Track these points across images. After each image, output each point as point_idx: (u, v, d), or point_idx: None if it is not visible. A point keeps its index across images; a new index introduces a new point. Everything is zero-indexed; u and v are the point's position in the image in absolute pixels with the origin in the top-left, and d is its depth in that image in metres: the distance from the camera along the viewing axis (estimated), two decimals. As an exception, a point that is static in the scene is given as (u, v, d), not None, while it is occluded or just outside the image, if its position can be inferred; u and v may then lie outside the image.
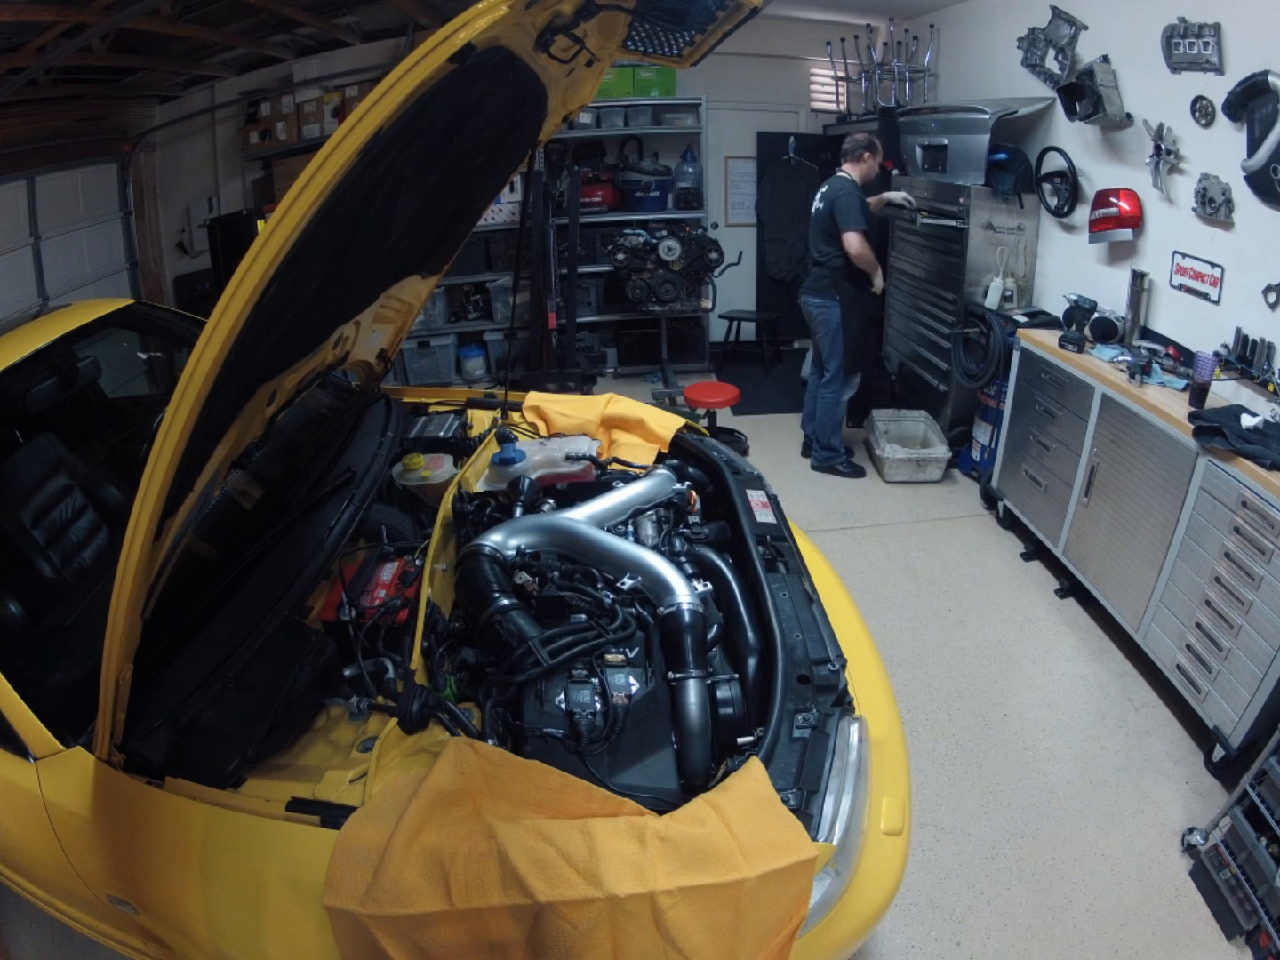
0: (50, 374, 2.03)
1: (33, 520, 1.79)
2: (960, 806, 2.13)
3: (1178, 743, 2.33)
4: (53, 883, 1.39)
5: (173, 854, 1.16)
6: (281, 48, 4.71)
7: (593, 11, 1.10)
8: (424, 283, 2.12)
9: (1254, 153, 2.33)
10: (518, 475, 1.94)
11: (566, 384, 4.82)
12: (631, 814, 1.11)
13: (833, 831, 1.17)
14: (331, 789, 1.18)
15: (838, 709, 1.34)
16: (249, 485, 1.90)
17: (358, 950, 1.03)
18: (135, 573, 1.00)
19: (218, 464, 1.32)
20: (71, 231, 4.37)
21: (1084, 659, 2.68)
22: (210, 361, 0.92)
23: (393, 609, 1.48)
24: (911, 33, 4.76)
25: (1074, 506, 2.85)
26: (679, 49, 1.39)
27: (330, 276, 1.31)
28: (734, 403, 4.10)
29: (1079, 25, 3.13)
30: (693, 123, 5.26)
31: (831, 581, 1.91)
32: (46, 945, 1.79)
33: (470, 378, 5.46)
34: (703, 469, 2.11)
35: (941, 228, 3.80)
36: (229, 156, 5.12)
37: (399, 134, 0.99)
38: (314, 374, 1.80)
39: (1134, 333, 2.91)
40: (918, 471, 3.92)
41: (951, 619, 2.91)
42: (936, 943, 1.79)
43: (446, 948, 1.01)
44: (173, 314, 2.62)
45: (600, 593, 1.53)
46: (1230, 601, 2.10)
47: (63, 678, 1.41)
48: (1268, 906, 1.68)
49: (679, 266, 5.01)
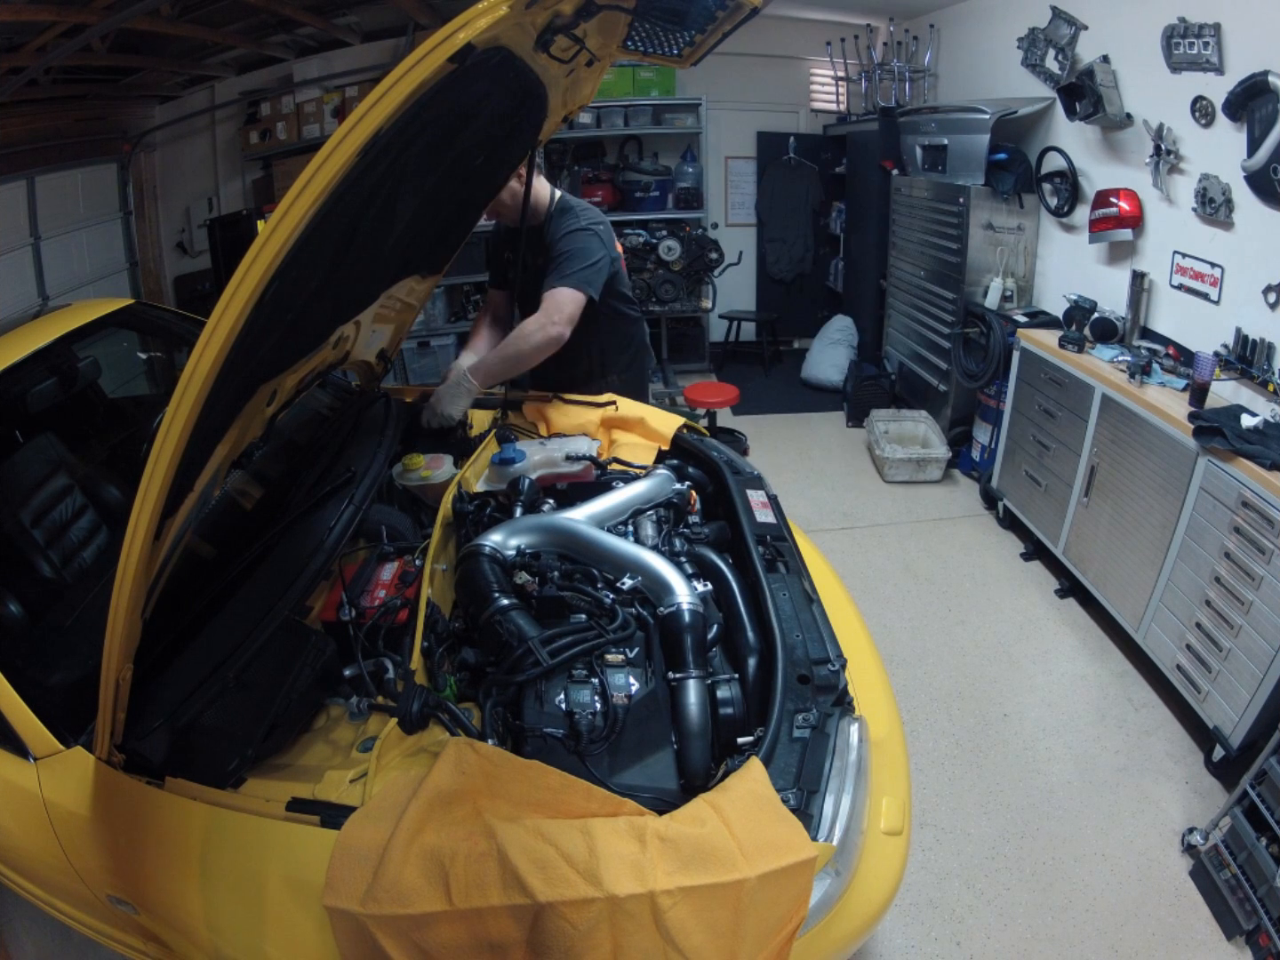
0: (50, 374, 2.03)
1: (33, 520, 1.79)
2: (960, 806, 2.13)
3: (1178, 743, 2.33)
4: (53, 883, 1.39)
5: (173, 854, 1.15)
6: (281, 48, 4.71)
7: (593, 11, 1.10)
8: (424, 283, 2.12)
9: (1254, 153, 2.33)
10: (518, 475, 1.94)
11: (566, 384, 4.81)
12: (631, 814, 1.11)
13: (833, 831, 1.17)
14: (331, 789, 1.17)
15: (838, 709, 1.33)
16: (249, 485, 1.90)
17: (358, 950, 1.03)
18: (135, 573, 1.00)
19: (218, 464, 1.32)
20: (71, 231, 4.37)
21: (1084, 659, 2.68)
22: (210, 361, 0.91)
23: (393, 609, 1.48)
24: (911, 33, 4.76)
25: (1074, 506, 2.85)
26: (679, 49, 1.39)
27: (330, 276, 1.30)
28: (734, 403, 4.10)
29: (1079, 25, 3.13)
30: (693, 123, 5.26)
31: (831, 581, 1.91)
32: (46, 945, 1.79)
33: (470, 378, 5.46)
34: (703, 469, 2.11)
35: (937, 226, 3.80)
36: (229, 156, 5.11)
37: (399, 134, 0.99)
38: (314, 374, 1.79)
39: (1134, 333, 2.91)
40: (918, 471, 3.92)
41: (951, 619, 2.91)
42: (936, 943, 1.79)
43: (446, 948, 1.01)
44: (173, 314, 2.62)
45: (600, 593, 1.53)
46: (1230, 601, 2.10)
47: (63, 678, 1.41)
48: (1268, 906, 1.68)
49: (679, 266, 5.02)
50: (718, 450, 2.15)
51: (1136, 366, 2.56)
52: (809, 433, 4.65)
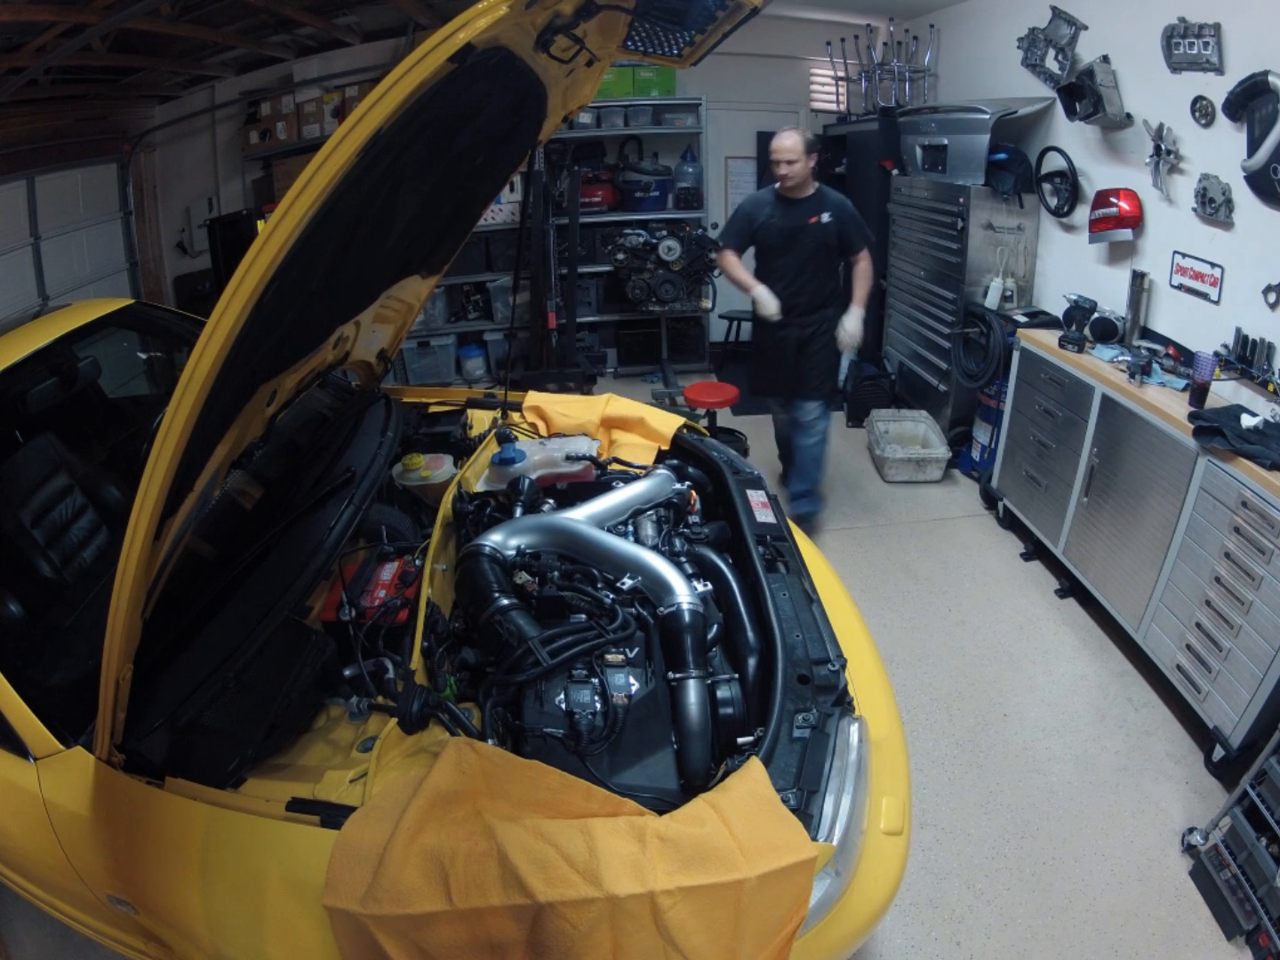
0: (50, 374, 2.03)
1: (33, 520, 1.79)
2: (960, 806, 2.13)
3: (1178, 743, 2.33)
4: (53, 883, 1.39)
5: (173, 854, 1.16)
6: (281, 48, 4.71)
7: (593, 11, 1.10)
8: (424, 283, 2.12)
9: (1254, 153, 2.32)
10: (518, 475, 1.94)
11: (566, 384, 4.82)
12: (631, 814, 1.11)
13: (833, 831, 1.17)
14: (331, 789, 1.18)
15: (838, 709, 1.34)
16: (249, 485, 1.90)
17: (358, 950, 1.03)
18: (135, 573, 1.00)
19: (218, 464, 1.32)
20: (71, 231, 4.37)
21: (1084, 659, 2.68)
22: (210, 361, 0.92)
23: (393, 609, 1.48)
24: (911, 33, 4.76)
25: (1074, 506, 2.85)
26: (679, 49, 1.40)
27: (330, 276, 1.31)
28: (733, 403, 4.10)
29: (1079, 25, 3.13)
30: (693, 123, 5.26)
31: (831, 581, 1.91)
32: (46, 945, 1.79)
33: (470, 378, 5.46)
34: (703, 469, 2.11)
35: (937, 226, 3.80)
36: (229, 156, 5.12)
37: (399, 134, 0.99)
38: (314, 374, 1.80)
39: (1134, 333, 2.90)
40: (918, 471, 3.92)
41: (951, 619, 2.91)
42: (936, 943, 1.79)
43: (446, 947, 1.01)
44: (173, 314, 2.62)
45: (600, 593, 1.53)
46: (1230, 601, 2.10)
47: (63, 678, 1.41)
48: (1268, 906, 1.68)
49: (679, 266, 5.01)
50: (718, 450, 2.15)
51: (1136, 366, 2.56)
52: (809, 433, 4.64)
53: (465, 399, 2.48)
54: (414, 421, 2.26)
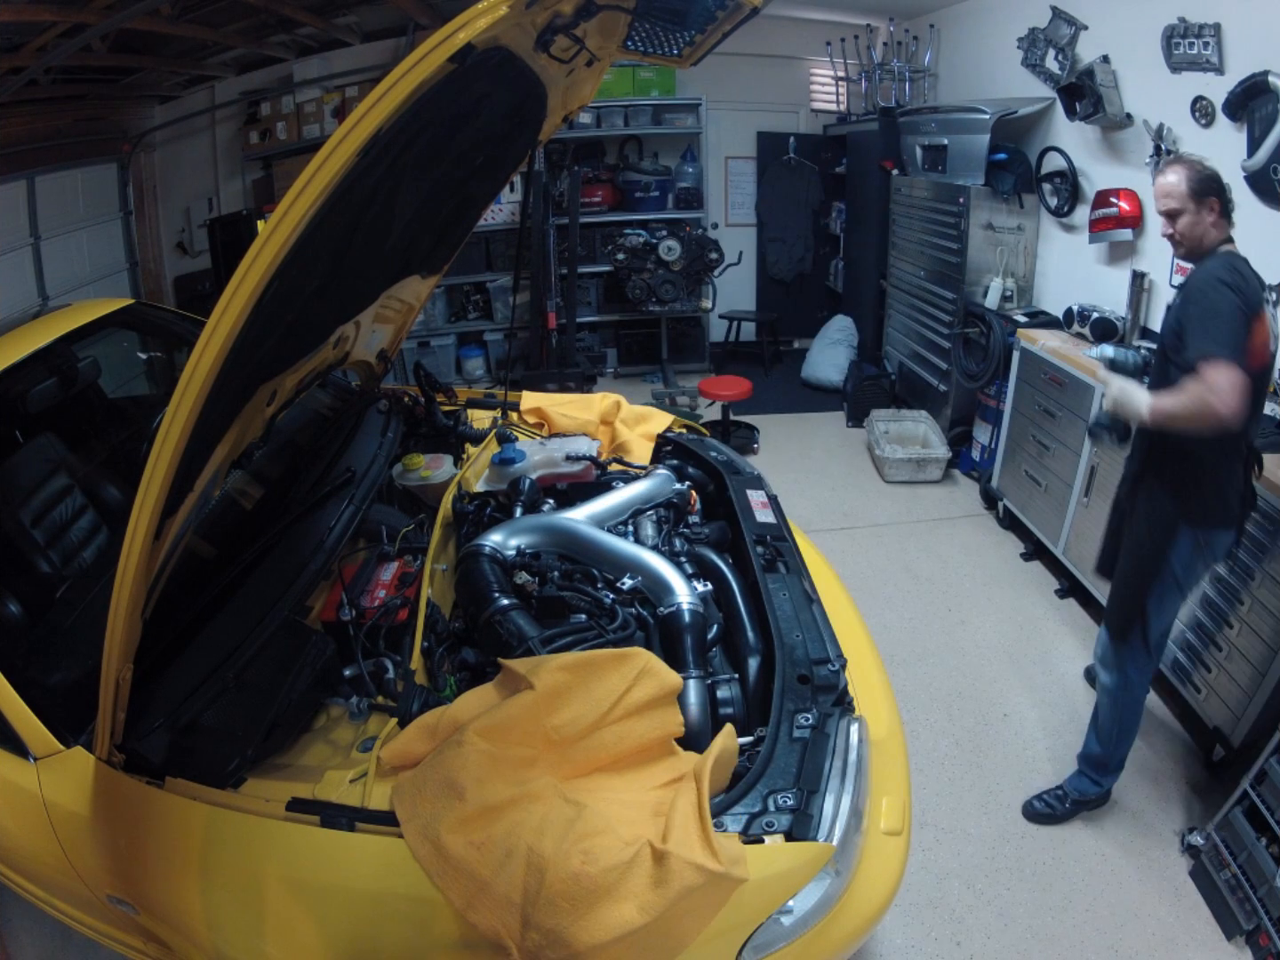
0: (50, 374, 2.03)
1: (33, 520, 1.79)
2: (960, 806, 2.13)
3: (1178, 743, 2.33)
4: (53, 883, 1.39)
5: (173, 854, 1.16)
6: (281, 48, 4.71)
7: (593, 11, 1.10)
8: (424, 283, 2.12)
9: (1254, 153, 2.33)
10: (518, 475, 1.94)
11: (566, 384, 4.82)
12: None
13: (832, 831, 1.17)
14: (331, 789, 1.17)
15: (838, 709, 1.34)
16: (249, 485, 1.90)
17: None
18: (135, 573, 1.00)
19: (218, 464, 1.32)
20: (71, 231, 4.37)
21: (1084, 659, 2.67)
22: (210, 361, 0.92)
23: (393, 609, 1.48)
24: (911, 33, 4.77)
25: (1074, 506, 2.85)
26: (679, 49, 1.40)
27: (330, 276, 1.31)
28: (747, 395, 4.12)
29: (1079, 25, 3.13)
30: (693, 123, 5.27)
31: (831, 581, 1.91)
32: (46, 945, 1.79)
33: (470, 378, 5.47)
34: (703, 469, 2.11)
35: (937, 226, 3.80)
36: (229, 156, 5.12)
37: (399, 134, 0.99)
38: (314, 374, 1.80)
39: (1134, 333, 2.90)
40: (918, 471, 3.92)
41: (951, 619, 2.91)
42: (936, 943, 1.79)
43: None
44: (173, 314, 2.62)
45: (600, 593, 1.53)
46: (1230, 601, 2.10)
47: (63, 678, 1.41)
48: (1268, 906, 1.68)
49: (679, 266, 5.02)
50: (716, 450, 2.15)
51: (1137, 367, 2.55)
52: (809, 433, 4.65)
53: (465, 399, 2.49)
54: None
